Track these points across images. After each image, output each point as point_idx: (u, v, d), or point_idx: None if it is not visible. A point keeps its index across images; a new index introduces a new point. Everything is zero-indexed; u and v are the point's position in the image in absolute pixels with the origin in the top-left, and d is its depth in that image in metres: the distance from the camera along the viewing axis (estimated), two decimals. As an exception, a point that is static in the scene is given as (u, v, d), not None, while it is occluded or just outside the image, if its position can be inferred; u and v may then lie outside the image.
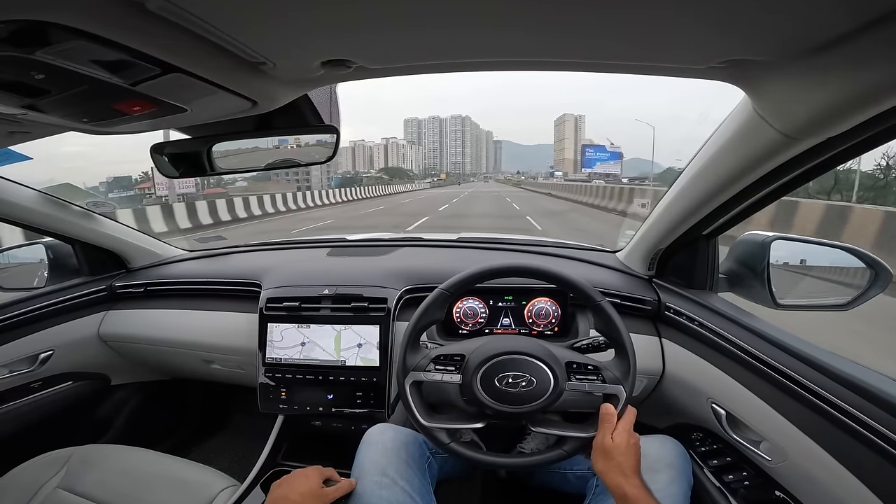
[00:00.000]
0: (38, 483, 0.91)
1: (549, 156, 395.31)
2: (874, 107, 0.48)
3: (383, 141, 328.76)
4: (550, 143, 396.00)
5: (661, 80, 54.75)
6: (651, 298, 1.06)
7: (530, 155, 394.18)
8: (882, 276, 0.80)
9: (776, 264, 0.88)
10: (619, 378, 0.75)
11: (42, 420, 1.27)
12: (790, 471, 0.73)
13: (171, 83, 0.49)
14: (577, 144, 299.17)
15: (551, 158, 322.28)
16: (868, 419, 0.58)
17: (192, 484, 0.92)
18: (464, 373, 0.76)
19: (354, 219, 14.34)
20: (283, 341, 1.10)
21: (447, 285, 0.82)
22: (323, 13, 0.41)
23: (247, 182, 36.21)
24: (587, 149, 79.32)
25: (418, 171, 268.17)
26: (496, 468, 1.05)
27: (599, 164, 72.71)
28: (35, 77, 0.44)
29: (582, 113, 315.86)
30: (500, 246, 1.41)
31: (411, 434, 0.87)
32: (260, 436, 1.18)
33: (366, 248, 1.44)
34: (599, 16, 0.41)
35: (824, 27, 0.41)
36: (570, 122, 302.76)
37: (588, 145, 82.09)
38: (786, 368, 0.71)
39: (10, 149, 0.84)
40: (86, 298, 1.32)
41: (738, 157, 0.69)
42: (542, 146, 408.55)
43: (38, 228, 1.18)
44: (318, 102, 0.73)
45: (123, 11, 0.37)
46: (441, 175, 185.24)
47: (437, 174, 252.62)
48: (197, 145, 0.81)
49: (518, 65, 0.55)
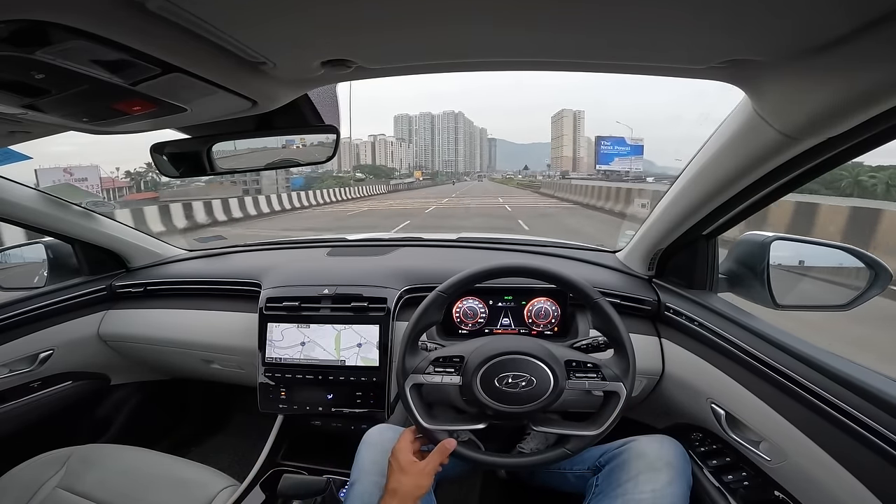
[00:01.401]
0: (37, 482, 0.91)
1: (545, 154, 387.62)
2: (874, 107, 0.48)
3: (370, 138, 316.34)
4: (545, 141, 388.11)
5: (661, 79, 47.65)
6: (651, 298, 1.06)
7: (525, 154, 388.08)
8: (882, 277, 0.80)
9: (776, 265, 0.88)
10: (618, 375, 0.75)
11: (42, 420, 1.27)
12: (789, 471, 0.73)
13: (171, 83, 0.49)
14: (576, 141, 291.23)
15: (548, 156, 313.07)
16: (867, 419, 0.59)
17: (191, 483, 0.92)
18: (463, 374, 0.76)
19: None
20: (283, 341, 1.10)
21: (443, 287, 0.82)
22: (323, 13, 0.41)
23: (187, 185, 33.00)
24: (602, 141, 61.17)
25: (407, 169, 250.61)
26: (496, 468, 1.05)
27: (618, 160, 58.74)
28: (35, 77, 0.44)
29: (581, 109, 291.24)
30: (500, 246, 1.41)
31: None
32: (259, 435, 1.18)
33: (365, 248, 1.44)
34: (599, 16, 0.41)
35: (824, 27, 0.41)
36: (568, 118, 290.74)
37: (604, 137, 62.01)
38: (785, 369, 0.71)
39: (9, 148, 0.84)
40: (85, 298, 1.32)
41: (738, 157, 0.69)
42: (536, 145, 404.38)
43: (38, 228, 1.18)
44: (318, 102, 0.73)
45: (123, 11, 0.37)
46: (416, 173, 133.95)
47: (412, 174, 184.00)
48: (197, 145, 0.81)
49: (517, 65, 0.55)
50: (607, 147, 60.29)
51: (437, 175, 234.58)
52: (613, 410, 0.74)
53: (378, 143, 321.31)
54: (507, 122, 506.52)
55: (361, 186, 37.04)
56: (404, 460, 0.71)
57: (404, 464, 0.70)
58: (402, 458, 0.71)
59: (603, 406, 0.76)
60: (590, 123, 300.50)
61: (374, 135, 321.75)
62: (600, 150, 60.77)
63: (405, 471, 0.69)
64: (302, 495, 0.92)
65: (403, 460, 0.71)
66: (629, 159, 59.30)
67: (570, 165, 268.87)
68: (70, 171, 29.39)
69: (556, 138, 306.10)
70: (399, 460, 0.71)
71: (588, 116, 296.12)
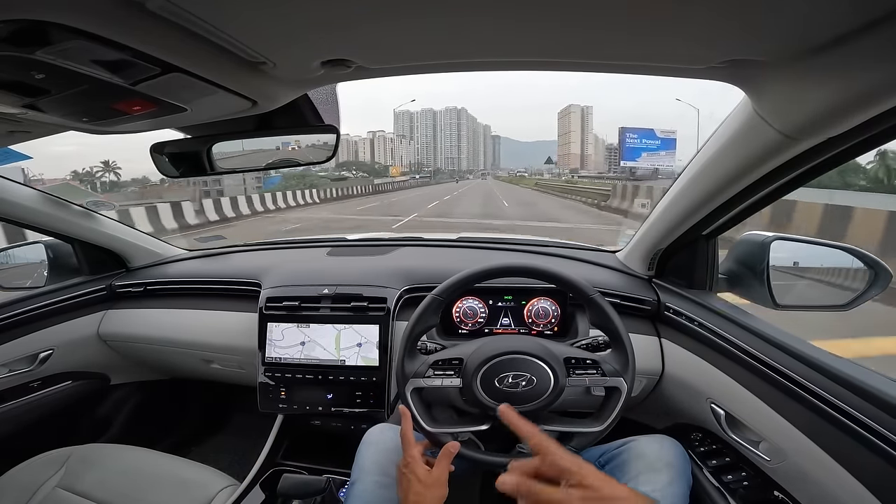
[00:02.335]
0: (37, 482, 0.91)
1: (551, 151, 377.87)
2: (874, 107, 0.48)
3: (369, 135, 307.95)
4: (550, 139, 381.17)
5: (661, 80, 44.29)
6: (650, 298, 1.06)
7: (529, 152, 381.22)
8: (882, 277, 0.80)
9: (776, 265, 0.88)
10: (618, 370, 0.75)
11: (42, 419, 1.27)
12: (789, 471, 0.74)
13: (171, 83, 0.49)
14: (583, 138, 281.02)
15: (555, 154, 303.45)
16: (867, 420, 0.59)
17: (191, 483, 0.92)
18: (463, 376, 0.76)
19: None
20: (283, 340, 1.10)
21: (438, 291, 0.82)
22: (323, 13, 0.41)
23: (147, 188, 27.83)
24: (628, 133, 52.05)
25: (408, 167, 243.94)
26: (497, 468, 1.05)
27: (646, 155, 50.88)
28: (35, 77, 0.44)
29: (589, 104, 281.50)
30: (500, 246, 1.41)
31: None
32: (259, 435, 1.18)
33: (365, 248, 1.44)
34: (600, 16, 0.41)
35: (824, 27, 0.41)
36: (576, 113, 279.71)
37: (629, 129, 52.85)
38: (785, 369, 0.72)
39: (9, 148, 0.84)
40: (85, 298, 1.32)
41: (738, 157, 0.69)
42: (541, 143, 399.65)
43: (38, 228, 1.18)
44: (318, 102, 0.73)
45: (123, 11, 0.37)
46: (392, 170, 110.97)
47: (419, 170, 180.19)
48: (197, 145, 0.81)
49: (518, 65, 0.55)
50: (633, 140, 51.48)
51: (436, 173, 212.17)
52: (615, 406, 0.74)
53: (377, 139, 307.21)
54: (510, 120, 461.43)
55: (338, 187, 29.65)
56: (422, 473, 0.69)
57: (423, 476, 0.68)
58: (419, 470, 0.69)
59: (604, 402, 0.76)
60: (595, 121, 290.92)
61: (372, 131, 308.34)
62: (625, 144, 52.13)
63: (425, 482, 0.68)
64: (302, 495, 0.93)
65: (421, 473, 0.69)
66: (659, 154, 51.40)
67: (578, 163, 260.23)
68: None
69: (562, 135, 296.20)
70: (417, 473, 0.69)
71: (594, 113, 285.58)
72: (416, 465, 0.70)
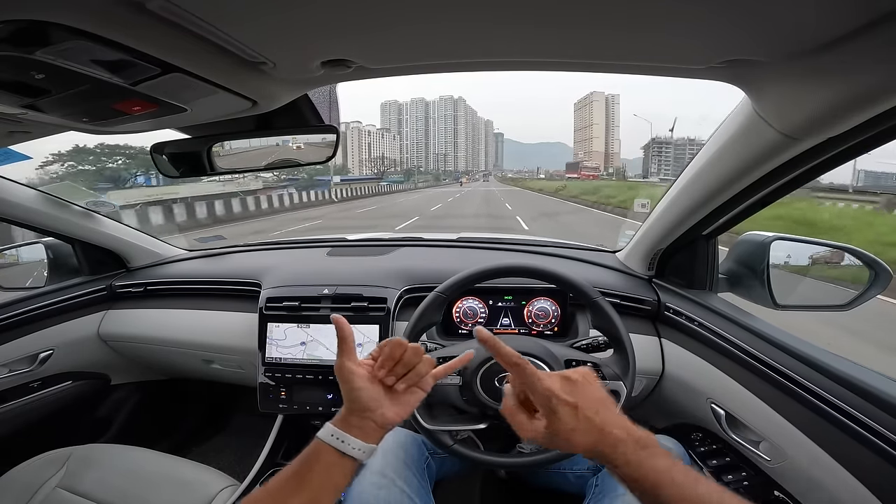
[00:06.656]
0: (37, 482, 0.91)
1: (554, 154, 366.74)
2: (874, 107, 0.48)
3: (342, 127, 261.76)
4: (552, 141, 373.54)
5: (662, 80, 43.62)
6: (651, 298, 1.06)
7: (534, 154, 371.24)
8: (882, 277, 0.80)
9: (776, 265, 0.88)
10: (618, 374, 0.75)
11: (42, 419, 1.27)
12: (789, 471, 0.74)
13: (171, 83, 0.49)
14: (608, 132, 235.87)
15: (562, 155, 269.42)
16: (867, 420, 0.59)
17: (191, 483, 0.92)
18: (463, 375, 0.76)
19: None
20: (284, 340, 1.10)
21: (442, 288, 0.82)
22: (323, 13, 0.41)
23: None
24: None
25: (392, 165, 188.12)
26: (496, 468, 1.05)
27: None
28: (35, 77, 0.44)
29: (616, 93, 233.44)
30: (500, 246, 1.41)
31: (410, 435, 0.87)
32: (259, 435, 1.18)
33: (365, 248, 1.44)
34: (599, 16, 0.41)
35: (824, 28, 0.41)
36: (598, 102, 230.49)
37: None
38: (785, 369, 0.72)
39: (9, 148, 0.84)
40: (86, 298, 1.32)
41: (738, 158, 0.69)
42: (544, 144, 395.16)
43: (38, 228, 1.18)
44: (317, 102, 0.74)
45: (123, 11, 0.37)
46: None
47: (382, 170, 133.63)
48: (197, 145, 0.81)
49: (518, 65, 0.55)
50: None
51: (412, 174, 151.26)
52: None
53: (351, 131, 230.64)
54: (513, 120, 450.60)
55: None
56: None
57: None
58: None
59: None
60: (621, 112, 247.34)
61: (346, 122, 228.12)
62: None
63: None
64: (302, 495, 0.92)
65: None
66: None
67: (602, 162, 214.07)
68: None
69: (580, 129, 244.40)
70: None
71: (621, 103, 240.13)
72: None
